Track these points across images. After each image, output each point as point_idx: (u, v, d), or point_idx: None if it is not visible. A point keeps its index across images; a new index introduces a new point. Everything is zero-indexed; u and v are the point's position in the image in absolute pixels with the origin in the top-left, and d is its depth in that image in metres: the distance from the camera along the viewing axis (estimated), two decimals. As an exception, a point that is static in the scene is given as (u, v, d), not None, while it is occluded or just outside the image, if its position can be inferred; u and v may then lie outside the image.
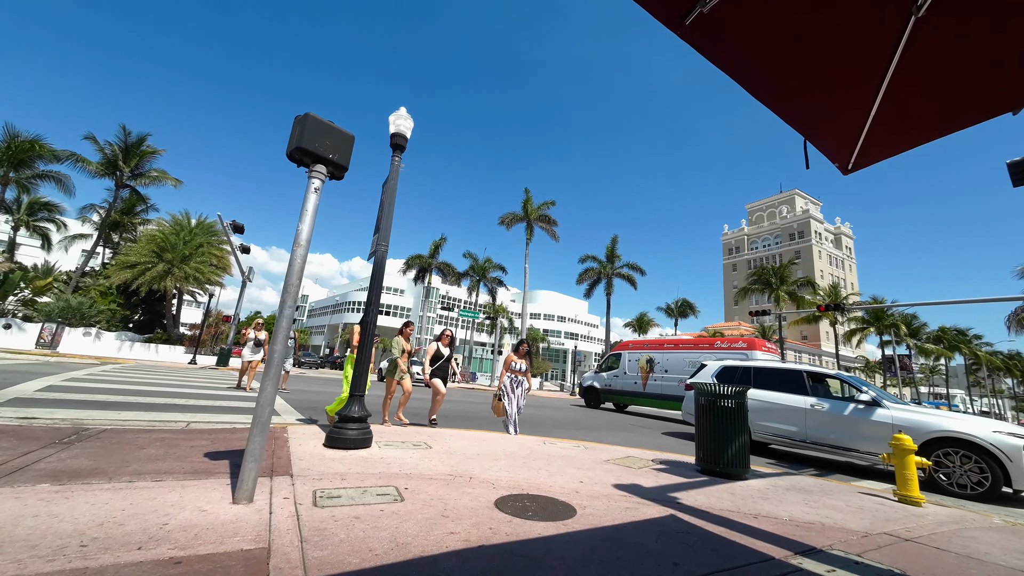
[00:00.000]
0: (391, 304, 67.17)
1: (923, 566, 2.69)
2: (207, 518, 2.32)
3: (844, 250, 79.00)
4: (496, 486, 3.58)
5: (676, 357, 15.29)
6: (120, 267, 23.56)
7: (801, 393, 7.47)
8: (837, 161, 2.51)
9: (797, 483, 4.98)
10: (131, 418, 5.29)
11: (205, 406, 7.16)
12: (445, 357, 7.01)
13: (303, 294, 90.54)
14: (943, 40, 1.78)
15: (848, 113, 2.19)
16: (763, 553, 2.62)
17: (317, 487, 3.07)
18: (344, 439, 4.41)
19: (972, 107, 2.05)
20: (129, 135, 25.55)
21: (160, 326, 28.01)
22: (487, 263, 39.87)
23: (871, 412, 6.54)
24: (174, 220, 26.37)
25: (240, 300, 23.88)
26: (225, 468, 3.30)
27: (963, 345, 51.94)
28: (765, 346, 14.43)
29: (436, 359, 6.97)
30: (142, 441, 3.91)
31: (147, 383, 9.91)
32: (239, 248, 22.95)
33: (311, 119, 3.13)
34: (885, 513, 3.95)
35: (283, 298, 2.94)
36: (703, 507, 3.55)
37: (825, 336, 64.29)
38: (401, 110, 5.52)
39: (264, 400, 2.77)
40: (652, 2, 1.67)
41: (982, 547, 3.20)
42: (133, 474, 2.94)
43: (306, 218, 3.05)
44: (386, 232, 5.18)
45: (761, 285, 37.57)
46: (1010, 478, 5.30)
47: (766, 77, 1.98)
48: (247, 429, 4.84)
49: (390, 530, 2.41)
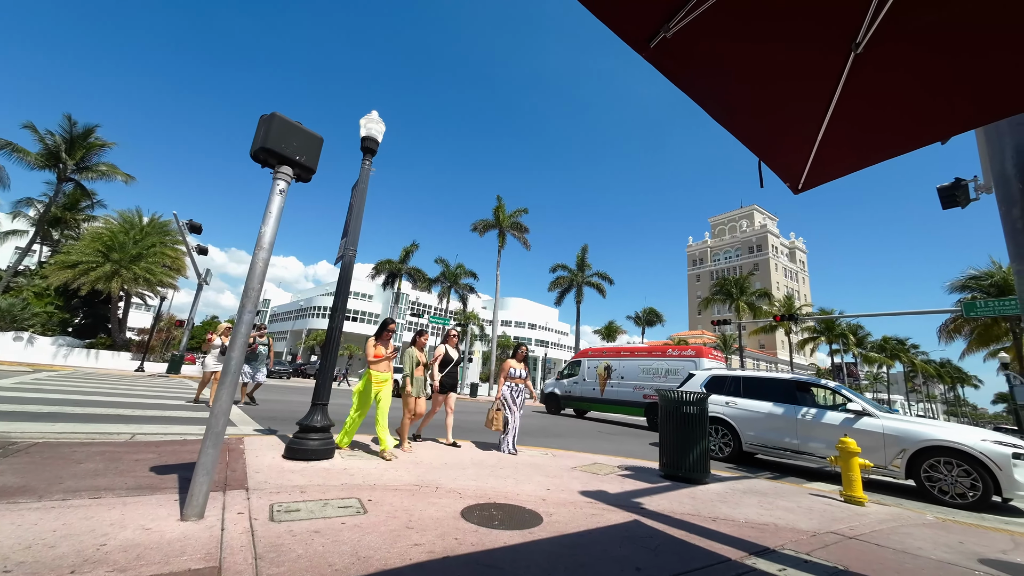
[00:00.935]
0: (359, 310, 65.45)
1: (864, 562, 2.86)
2: (151, 537, 2.18)
3: (798, 263, 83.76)
4: (463, 495, 3.54)
5: (631, 364, 15.80)
6: (59, 267, 21.78)
7: (790, 403, 7.33)
8: (788, 181, 2.68)
9: (753, 486, 5.20)
10: (67, 430, 4.89)
11: (153, 416, 6.71)
12: (454, 361, 6.08)
13: (264, 298, 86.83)
14: (879, 75, 1.95)
15: (797, 137, 2.36)
16: (721, 555, 2.72)
17: (275, 501, 2.94)
18: (305, 450, 4.24)
19: (907, 136, 2.25)
20: (75, 125, 23.85)
21: (104, 331, 26.06)
22: (459, 269, 39.63)
23: (861, 421, 6.45)
24: (123, 218, 24.72)
25: (195, 303, 22.64)
26: (173, 483, 3.10)
27: (902, 354, 56.01)
28: (711, 354, 15.22)
29: (444, 364, 6.03)
30: (79, 455, 3.62)
31: (87, 392, 9.19)
32: (195, 249, 21.82)
33: (277, 119, 3.04)
34: (832, 513, 4.18)
35: (243, 302, 2.83)
36: (666, 512, 3.64)
37: (781, 345, 67.77)
38: (373, 113, 5.45)
39: (219, 410, 2.64)
40: (620, 25, 1.74)
41: (916, 542, 3.44)
42: (67, 491, 2.71)
43: (270, 220, 2.95)
44: (354, 236, 5.07)
45: (723, 295, 39.22)
46: (1000, 487, 5.26)
47: (723, 100, 2.11)
48: (199, 441, 4.59)
49: (351, 544, 2.34)
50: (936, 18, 1.67)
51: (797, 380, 7.70)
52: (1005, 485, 5.24)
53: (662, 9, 1.70)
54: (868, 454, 6.13)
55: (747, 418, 7.64)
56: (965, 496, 5.48)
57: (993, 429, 6.59)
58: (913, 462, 5.89)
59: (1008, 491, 5.23)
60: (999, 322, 23.98)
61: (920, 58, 1.82)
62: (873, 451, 6.16)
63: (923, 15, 1.67)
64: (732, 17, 1.72)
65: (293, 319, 74.07)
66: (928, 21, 1.69)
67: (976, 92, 1.90)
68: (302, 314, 71.97)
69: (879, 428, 6.27)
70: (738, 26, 1.77)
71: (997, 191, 2.21)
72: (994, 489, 5.31)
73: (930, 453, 5.81)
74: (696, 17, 1.69)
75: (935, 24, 1.69)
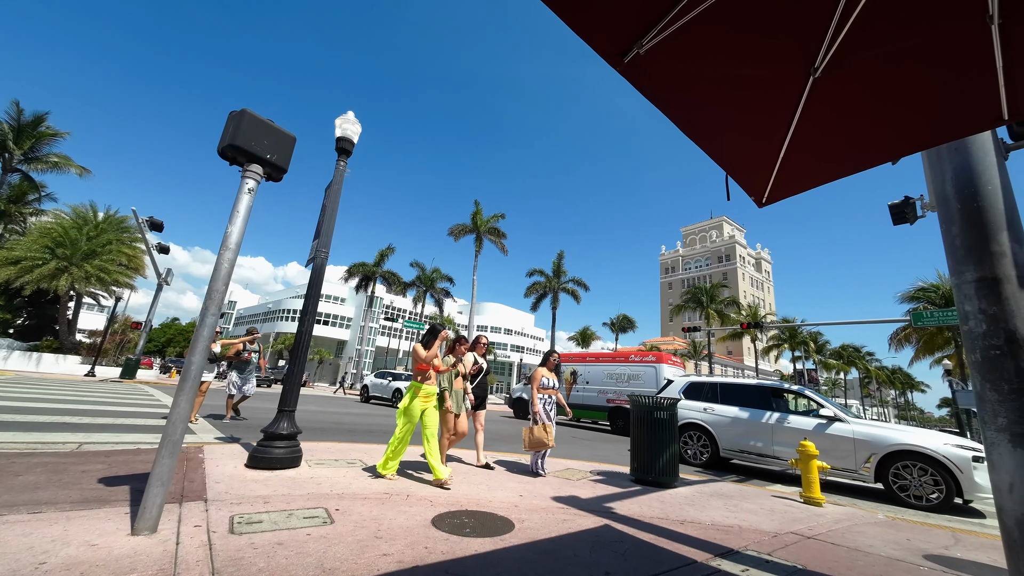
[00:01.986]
0: (330, 313, 63.76)
1: (820, 561, 2.99)
2: (97, 553, 2.04)
3: (764, 273, 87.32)
4: (434, 503, 3.49)
5: (596, 369, 16.17)
6: (1, 263, 20.28)
7: (766, 408, 7.45)
8: (753, 195, 2.81)
9: (719, 489, 5.35)
10: (5, 440, 4.53)
11: (104, 424, 6.31)
12: (484, 371, 5.48)
13: (230, 300, 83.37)
14: (836, 99, 2.08)
15: (761, 154, 2.48)
16: (688, 557, 2.78)
17: (235, 512, 2.81)
18: (269, 458, 4.08)
19: (861, 156, 2.40)
20: (22, 113, 22.38)
21: (51, 333, 24.37)
22: (435, 273, 39.28)
23: (833, 427, 6.61)
24: (76, 213, 23.30)
25: (154, 304, 21.47)
26: (124, 495, 2.92)
27: (858, 360, 59.10)
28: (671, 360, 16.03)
29: (474, 375, 5.36)
30: (18, 467, 3.36)
31: (30, 398, 8.56)
32: (156, 247, 20.72)
33: (248, 116, 2.96)
34: (792, 514, 4.36)
35: (206, 304, 2.71)
36: (635, 516, 3.70)
37: (747, 352, 70.22)
38: (349, 114, 5.37)
39: (176, 417, 2.51)
40: (595, 39, 1.79)
41: (868, 540, 3.63)
42: (3, 506, 2.52)
43: (237, 220, 2.85)
44: (327, 238, 4.96)
45: (694, 303, 40.41)
46: (961, 489, 5.45)
47: (691, 116, 2.19)
48: (154, 450, 4.35)
49: (316, 555, 2.26)
50: (888, 49, 1.80)
51: (773, 387, 7.81)
52: (966, 487, 5.44)
53: (636, 27, 1.76)
54: (839, 458, 6.33)
55: (724, 424, 7.71)
56: (930, 499, 5.68)
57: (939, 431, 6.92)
58: (882, 466, 6.07)
59: (968, 493, 5.43)
60: (942, 331, 25.67)
61: (871, 86, 1.96)
62: (844, 455, 6.34)
63: (875, 46, 1.80)
64: (701, 39, 1.80)
65: (260, 322, 71.35)
66: (881, 51, 1.82)
67: (920, 120, 2.06)
68: (270, 317, 69.46)
69: (849, 433, 6.44)
70: (707, 48, 1.85)
71: (939, 210, 2.39)
72: (956, 491, 5.50)
73: (897, 457, 5.99)
74: (667, 36, 1.76)
75: (886, 55, 1.82)
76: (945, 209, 2.32)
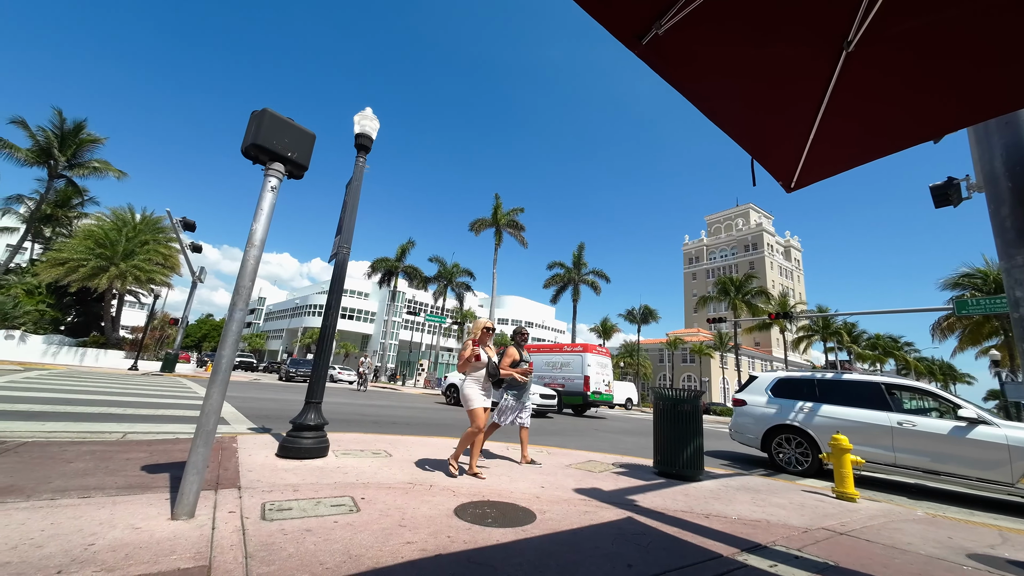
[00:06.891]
0: (354, 308, 65.28)
1: (854, 558, 2.89)
2: (141, 536, 2.16)
3: (793, 262, 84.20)
4: (457, 493, 3.54)
5: (538, 358, 18.65)
6: (50, 264, 21.57)
7: (882, 409, 6.35)
8: (781, 179, 2.69)
9: (747, 483, 5.23)
10: (57, 429, 4.85)
11: (145, 415, 6.66)
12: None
13: (260, 296, 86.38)
14: (870, 74, 1.95)
15: (789, 136, 2.36)
16: (712, 551, 2.73)
17: (267, 499, 2.92)
18: (298, 448, 4.22)
19: (898, 134, 2.26)
20: (64, 121, 23.59)
21: (97, 329, 25.83)
22: (455, 268, 39.57)
23: (977, 431, 5.57)
24: (115, 215, 24.50)
25: (189, 301, 22.47)
26: (164, 482, 3.08)
27: (895, 351, 56.48)
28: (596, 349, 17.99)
29: None
30: (69, 455, 3.59)
31: (79, 391, 9.11)
32: (189, 246, 21.64)
33: (268, 115, 3.02)
34: (824, 509, 4.22)
35: (234, 300, 2.81)
36: (658, 508, 3.66)
37: (776, 343, 68.16)
38: (367, 110, 5.42)
39: (209, 408, 2.62)
40: (611, 22, 1.73)
41: (906, 538, 3.48)
42: (56, 491, 2.69)
43: (261, 217, 2.93)
44: (348, 234, 5.05)
45: (722, 294, 39.41)
46: None
47: (715, 99, 2.10)
48: (191, 440, 4.57)
49: (343, 542, 2.33)
50: (927, 19, 1.67)
51: (888, 383, 6.62)
52: None
53: (653, 6, 1.69)
54: (988, 469, 5.33)
55: (828, 426, 6.56)
56: None
57: None
58: None
59: None
60: (989, 319, 24.24)
61: (910, 58, 1.83)
62: (996, 466, 5.31)
63: (914, 15, 1.67)
64: (724, 15, 1.72)
65: (288, 317, 73.80)
66: (919, 21, 1.69)
67: (966, 92, 1.91)
68: (298, 312, 71.70)
69: (1002, 439, 5.37)
70: (729, 24, 1.77)
71: (987, 190, 2.23)
72: None
73: None
74: (688, 14, 1.68)
75: (926, 24, 1.69)
76: (994, 189, 2.16)
